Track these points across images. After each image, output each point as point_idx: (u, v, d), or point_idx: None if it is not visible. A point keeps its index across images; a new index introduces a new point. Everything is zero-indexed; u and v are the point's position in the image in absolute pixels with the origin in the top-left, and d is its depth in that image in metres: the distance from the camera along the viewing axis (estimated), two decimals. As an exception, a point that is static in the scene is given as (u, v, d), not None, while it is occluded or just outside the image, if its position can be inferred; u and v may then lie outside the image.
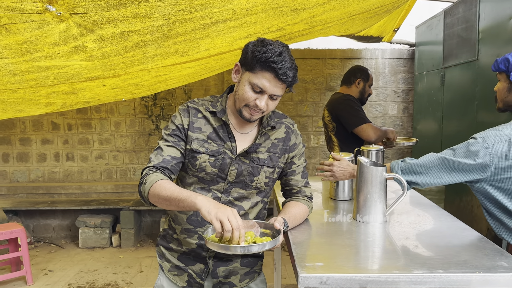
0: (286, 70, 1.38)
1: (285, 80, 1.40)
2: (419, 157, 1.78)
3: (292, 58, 1.43)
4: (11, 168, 5.01)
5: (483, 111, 3.20)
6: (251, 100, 1.43)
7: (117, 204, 4.72)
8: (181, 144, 1.52)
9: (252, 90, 1.43)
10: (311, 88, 5.00)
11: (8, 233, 3.56)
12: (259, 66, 1.40)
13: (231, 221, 1.23)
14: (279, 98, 1.48)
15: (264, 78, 1.40)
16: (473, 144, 1.61)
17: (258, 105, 1.43)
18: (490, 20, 3.11)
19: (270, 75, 1.39)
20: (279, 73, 1.37)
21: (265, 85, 1.40)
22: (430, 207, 1.94)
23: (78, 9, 1.45)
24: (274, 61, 1.37)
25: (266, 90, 1.41)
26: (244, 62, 1.45)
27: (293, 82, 1.43)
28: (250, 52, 1.43)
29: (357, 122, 2.93)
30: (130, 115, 4.99)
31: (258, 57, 1.39)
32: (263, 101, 1.43)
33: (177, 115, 1.56)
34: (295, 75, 1.43)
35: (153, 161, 1.48)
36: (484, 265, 1.22)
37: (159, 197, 1.38)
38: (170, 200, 1.35)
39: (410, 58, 4.96)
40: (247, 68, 1.44)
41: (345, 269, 1.21)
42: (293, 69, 1.41)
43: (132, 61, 2.14)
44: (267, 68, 1.39)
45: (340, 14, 2.30)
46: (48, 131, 4.97)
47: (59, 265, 4.16)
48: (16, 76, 2.10)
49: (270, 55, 1.37)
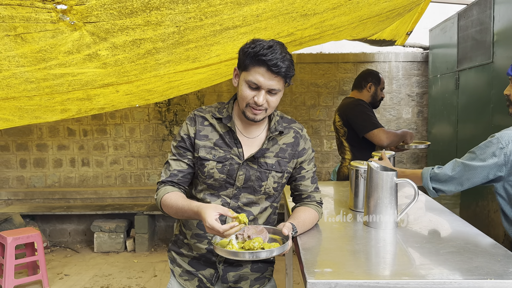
0: (277, 61, 1.37)
1: (277, 71, 1.38)
2: (434, 162, 1.81)
3: (285, 51, 1.42)
4: (28, 174, 5.10)
5: (499, 114, 3.15)
6: (250, 98, 1.44)
7: (132, 208, 4.76)
8: (187, 155, 1.57)
9: (249, 88, 1.44)
10: (323, 92, 4.99)
11: (25, 238, 3.62)
12: (250, 62, 1.41)
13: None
14: (280, 93, 1.47)
15: (257, 74, 1.40)
16: (489, 145, 1.66)
17: (257, 102, 1.42)
18: (505, 22, 3.06)
19: (262, 69, 1.39)
20: (270, 64, 1.37)
21: (259, 80, 1.40)
22: (442, 212, 1.91)
23: (91, 18, 1.48)
24: (263, 54, 1.37)
25: (261, 85, 1.41)
26: (239, 64, 1.48)
27: (288, 73, 1.41)
28: (241, 51, 1.45)
29: (369, 127, 2.89)
30: (144, 120, 5.05)
31: (248, 54, 1.41)
32: (261, 97, 1.42)
33: (184, 125, 1.60)
34: (289, 66, 1.41)
35: (162, 176, 1.60)
36: (496, 272, 1.20)
37: (169, 211, 1.52)
38: (177, 212, 1.48)
39: (424, 61, 4.92)
40: (242, 69, 1.46)
41: (354, 275, 1.20)
42: (286, 61, 1.39)
43: (144, 68, 2.17)
44: (258, 62, 1.39)
45: (351, 19, 2.30)
46: (64, 137, 5.05)
47: (74, 269, 4.21)
48: (32, 84, 2.14)
49: (259, 49, 1.38)
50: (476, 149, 1.71)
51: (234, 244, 1.36)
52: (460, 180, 1.71)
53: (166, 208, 1.51)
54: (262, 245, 1.34)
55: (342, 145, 3.13)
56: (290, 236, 1.40)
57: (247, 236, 1.37)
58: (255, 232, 1.38)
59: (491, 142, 1.66)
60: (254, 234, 1.37)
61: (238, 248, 1.35)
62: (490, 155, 1.64)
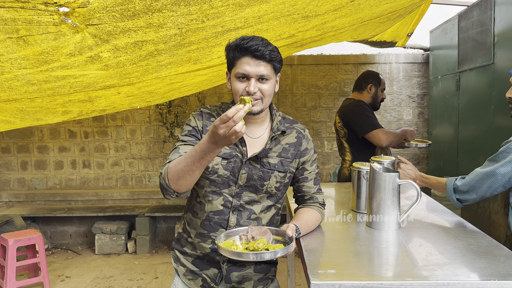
0: (258, 46, 1.39)
1: (261, 55, 1.40)
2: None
3: (267, 41, 1.45)
4: (29, 176, 5.10)
5: (500, 115, 3.15)
6: (242, 90, 1.44)
7: (133, 210, 4.76)
8: (196, 143, 1.52)
9: (239, 81, 1.45)
10: (324, 93, 4.99)
11: (26, 240, 3.63)
12: (234, 55, 1.44)
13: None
14: (271, 81, 1.46)
15: (243, 64, 1.43)
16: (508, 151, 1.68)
17: (249, 91, 1.42)
18: (506, 23, 3.07)
19: (246, 58, 1.42)
20: (252, 50, 1.39)
21: (246, 69, 1.42)
22: (445, 214, 1.91)
23: (93, 20, 1.49)
24: (243, 43, 1.41)
25: (249, 74, 1.42)
26: (228, 65, 1.51)
27: (273, 57, 1.43)
28: (226, 50, 1.49)
29: (368, 128, 2.89)
30: (145, 122, 5.05)
31: (230, 47, 1.45)
32: (251, 85, 1.42)
33: (192, 119, 1.59)
34: (273, 50, 1.43)
35: (170, 158, 1.49)
36: (500, 273, 1.20)
37: (177, 172, 1.36)
38: (187, 162, 1.33)
39: (424, 63, 4.92)
40: (230, 67, 1.49)
41: (357, 277, 1.20)
42: (268, 46, 1.42)
43: (146, 70, 2.18)
44: (241, 52, 1.42)
45: (352, 20, 2.30)
46: (65, 139, 5.06)
47: (75, 271, 4.21)
48: (33, 86, 2.15)
49: (239, 40, 1.42)
50: (495, 156, 1.73)
51: (238, 245, 1.36)
52: (482, 188, 1.72)
53: (173, 170, 1.37)
54: (266, 246, 1.34)
55: (343, 146, 3.13)
56: (294, 238, 1.40)
57: (251, 237, 1.37)
58: (259, 233, 1.38)
59: (508, 147, 1.68)
60: (258, 235, 1.37)
61: (242, 249, 1.35)
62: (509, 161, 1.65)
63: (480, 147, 3.46)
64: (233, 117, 1.17)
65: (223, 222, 1.55)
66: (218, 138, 1.22)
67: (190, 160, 1.33)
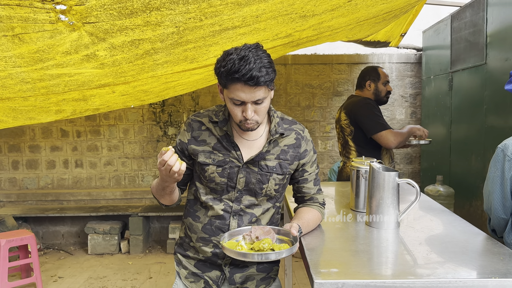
0: (252, 73, 1.30)
1: (255, 83, 1.32)
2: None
3: (260, 56, 1.34)
4: (21, 175, 5.05)
5: (492, 115, 3.18)
6: (240, 116, 1.42)
7: (126, 210, 4.73)
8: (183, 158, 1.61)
9: (234, 105, 1.41)
10: (318, 93, 5.00)
11: (19, 240, 3.58)
12: (226, 81, 1.36)
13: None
14: (267, 100, 1.43)
15: (236, 90, 1.35)
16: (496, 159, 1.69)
17: (246, 117, 1.40)
18: (498, 24, 3.10)
19: (240, 84, 1.34)
20: (245, 80, 1.31)
21: (240, 96, 1.36)
22: (442, 212, 1.92)
23: (90, 18, 1.47)
24: (235, 71, 1.31)
25: (244, 100, 1.37)
26: (219, 81, 1.44)
27: (267, 80, 1.35)
28: (216, 72, 1.41)
29: (377, 128, 2.79)
30: (139, 121, 5.02)
31: (221, 74, 1.36)
32: (249, 111, 1.38)
33: (181, 131, 1.62)
34: (267, 72, 1.34)
35: None
36: (500, 271, 1.21)
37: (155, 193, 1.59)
38: (157, 190, 1.56)
39: (417, 63, 4.96)
40: (222, 86, 1.42)
41: (360, 275, 1.21)
42: (262, 68, 1.32)
43: (142, 68, 2.16)
44: (233, 80, 1.33)
45: (349, 20, 2.31)
46: (57, 138, 5.01)
47: (68, 272, 4.18)
48: (27, 84, 2.12)
49: (230, 66, 1.32)
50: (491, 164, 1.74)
51: (243, 245, 1.35)
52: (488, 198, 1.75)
53: (154, 193, 1.60)
54: (271, 246, 1.34)
55: (348, 144, 3.01)
56: (298, 238, 1.40)
57: (255, 237, 1.37)
58: (263, 233, 1.38)
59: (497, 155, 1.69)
60: (262, 235, 1.37)
61: (247, 249, 1.35)
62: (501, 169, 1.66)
63: (472, 147, 3.50)
64: (168, 161, 1.32)
65: (224, 226, 1.55)
66: (164, 176, 1.39)
67: (159, 189, 1.53)
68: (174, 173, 1.34)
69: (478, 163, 3.39)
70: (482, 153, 3.32)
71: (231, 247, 1.34)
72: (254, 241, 1.37)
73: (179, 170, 1.33)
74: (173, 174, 1.34)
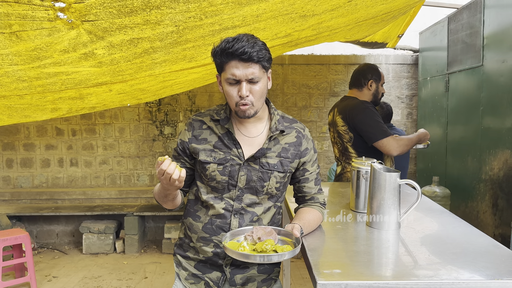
0: (245, 48, 1.36)
1: (248, 58, 1.37)
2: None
3: (254, 39, 1.40)
4: (15, 174, 5.01)
5: (489, 116, 3.20)
6: (235, 95, 1.43)
7: (121, 209, 4.71)
8: (180, 159, 1.62)
9: (230, 85, 1.43)
10: (315, 93, 5.00)
11: (13, 239, 3.55)
12: (222, 60, 1.42)
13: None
14: (262, 81, 1.44)
15: (231, 68, 1.40)
16: None
17: (241, 96, 1.42)
18: (495, 26, 3.11)
19: (234, 61, 1.39)
20: (238, 53, 1.36)
21: (234, 72, 1.40)
22: (442, 213, 1.93)
23: (90, 16, 1.46)
24: (228, 47, 1.37)
25: (239, 77, 1.40)
26: (217, 68, 1.49)
27: (261, 57, 1.39)
28: (212, 55, 1.46)
29: (378, 135, 2.63)
30: (134, 120, 5.00)
31: (216, 53, 1.42)
32: (243, 89, 1.41)
33: (182, 131, 1.63)
34: (261, 50, 1.39)
35: None
36: (502, 272, 1.21)
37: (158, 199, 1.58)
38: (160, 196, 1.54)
39: (414, 64, 4.97)
40: (220, 71, 1.47)
41: (363, 276, 1.20)
42: (255, 46, 1.38)
43: (140, 67, 2.15)
44: (228, 56, 1.39)
45: (348, 21, 2.30)
46: (52, 136, 4.97)
47: (63, 271, 4.15)
48: (24, 83, 2.10)
49: (224, 44, 1.39)
50: None
51: (245, 246, 1.34)
52: None
53: (156, 198, 1.59)
54: (274, 247, 1.33)
55: (347, 151, 2.84)
56: (301, 239, 1.40)
57: (257, 237, 1.36)
58: (264, 233, 1.37)
59: None
60: (263, 235, 1.36)
61: (249, 250, 1.34)
62: None
63: (468, 148, 3.51)
64: (166, 170, 1.33)
65: (225, 225, 1.54)
66: (165, 185, 1.39)
67: (161, 196, 1.53)
68: (174, 180, 1.34)
69: (474, 164, 3.41)
70: (478, 155, 3.33)
71: (233, 247, 1.33)
72: (256, 242, 1.36)
73: (179, 177, 1.34)
74: (173, 182, 1.34)
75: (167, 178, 1.33)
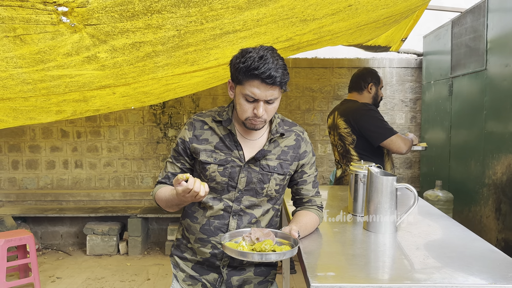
0: (271, 72, 1.36)
1: (272, 82, 1.38)
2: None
3: (277, 58, 1.41)
4: (21, 175, 5.05)
5: (492, 121, 3.19)
6: (250, 112, 1.44)
7: (125, 211, 4.74)
8: (180, 159, 1.62)
9: (246, 102, 1.44)
10: (318, 97, 5.01)
11: (17, 240, 3.59)
12: (243, 77, 1.41)
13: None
14: (277, 101, 1.47)
15: (252, 87, 1.40)
16: None
17: (257, 114, 1.43)
18: (499, 30, 3.11)
19: (257, 82, 1.39)
20: (263, 77, 1.36)
21: (255, 93, 1.40)
22: (439, 217, 1.93)
23: (92, 20, 1.48)
24: (255, 67, 1.36)
25: (258, 98, 1.41)
26: (232, 77, 1.48)
27: (283, 81, 1.41)
28: (232, 66, 1.45)
29: (385, 134, 2.66)
30: (139, 123, 5.03)
31: (239, 69, 1.40)
32: (260, 108, 1.42)
33: (182, 130, 1.63)
34: (284, 73, 1.40)
35: (160, 176, 1.67)
36: (496, 276, 1.21)
37: (162, 204, 1.58)
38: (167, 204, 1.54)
39: (417, 68, 4.97)
40: (236, 82, 1.46)
41: (357, 279, 1.21)
42: (279, 69, 1.38)
43: (143, 70, 2.17)
44: (251, 76, 1.39)
45: (349, 25, 2.31)
46: (57, 138, 5.02)
47: (66, 272, 4.18)
48: (28, 85, 2.13)
49: (250, 63, 1.37)
50: None
51: (244, 246, 1.35)
52: None
53: (160, 203, 1.59)
54: (272, 248, 1.33)
55: (349, 153, 2.86)
56: (299, 240, 1.40)
57: (255, 238, 1.37)
58: (262, 234, 1.38)
59: None
60: (262, 236, 1.37)
61: (248, 250, 1.34)
62: None
63: (472, 152, 3.50)
64: (193, 188, 1.32)
65: (223, 226, 1.55)
66: (184, 200, 1.39)
67: (169, 201, 1.51)
68: (200, 197, 1.35)
69: (477, 169, 3.40)
70: (482, 159, 3.32)
71: (231, 247, 1.34)
72: (255, 243, 1.37)
73: (203, 195, 1.35)
74: (199, 198, 1.36)
75: (193, 196, 1.34)
